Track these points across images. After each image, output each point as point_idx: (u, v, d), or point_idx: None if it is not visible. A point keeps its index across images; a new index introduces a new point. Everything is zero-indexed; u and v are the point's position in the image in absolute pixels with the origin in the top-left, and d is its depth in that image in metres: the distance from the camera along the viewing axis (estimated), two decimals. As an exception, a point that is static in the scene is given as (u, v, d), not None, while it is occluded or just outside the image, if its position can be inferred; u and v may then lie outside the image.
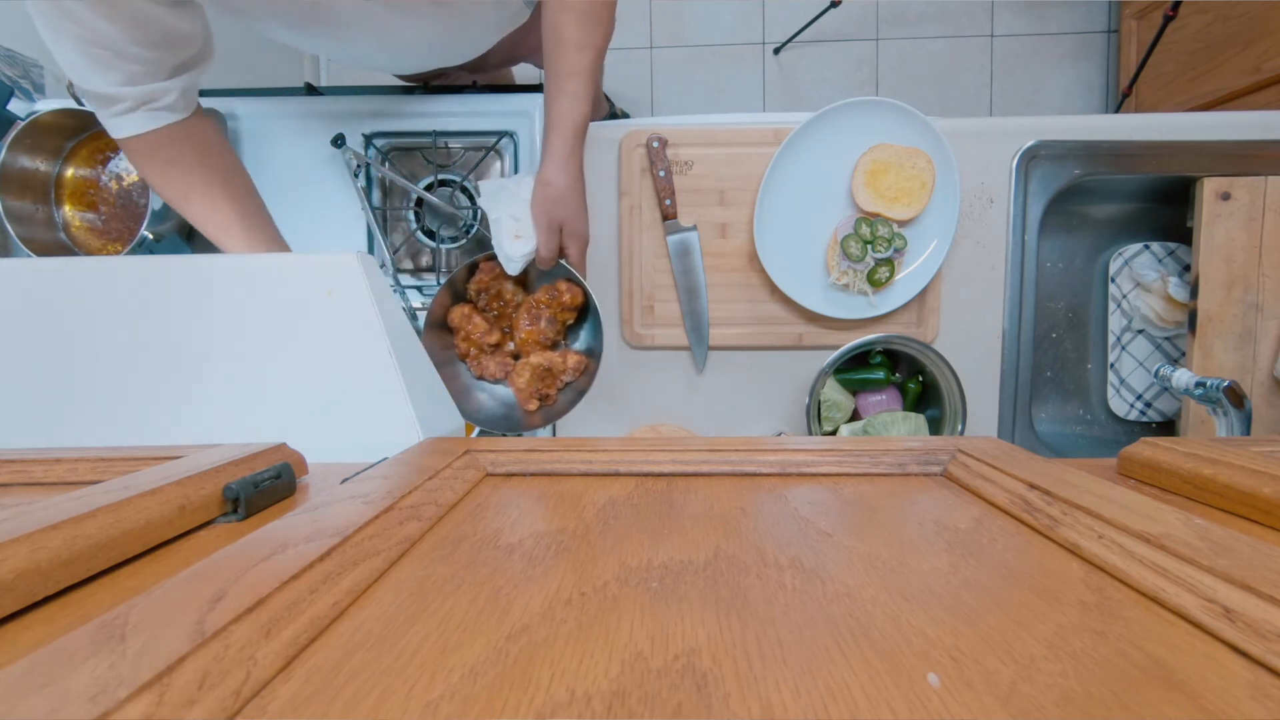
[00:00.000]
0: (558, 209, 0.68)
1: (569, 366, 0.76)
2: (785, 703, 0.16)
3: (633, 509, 0.31)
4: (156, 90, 0.61)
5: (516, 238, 0.69)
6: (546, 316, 0.75)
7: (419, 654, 0.18)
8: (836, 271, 0.83)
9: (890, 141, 0.82)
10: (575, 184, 0.68)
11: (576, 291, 0.75)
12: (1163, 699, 0.16)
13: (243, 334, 0.49)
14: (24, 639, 0.20)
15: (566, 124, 0.66)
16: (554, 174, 0.67)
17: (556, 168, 0.67)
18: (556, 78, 0.66)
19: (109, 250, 0.89)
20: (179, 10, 0.60)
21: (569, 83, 0.66)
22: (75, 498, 0.26)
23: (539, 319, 0.75)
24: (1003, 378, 0.88)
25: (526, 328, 0.75)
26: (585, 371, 0.77)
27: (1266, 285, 0.81)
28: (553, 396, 0.77)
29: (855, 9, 1.74)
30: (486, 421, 0.76)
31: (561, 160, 0.67)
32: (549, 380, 0.76)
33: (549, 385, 0.76)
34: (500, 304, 0.77)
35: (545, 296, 0.75)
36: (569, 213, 0.69)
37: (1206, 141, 0.83)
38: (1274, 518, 0.27)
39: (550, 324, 0.75)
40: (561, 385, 0.78)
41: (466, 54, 0.82)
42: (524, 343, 0.76)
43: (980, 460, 0.34)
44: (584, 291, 0.75)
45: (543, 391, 0.76)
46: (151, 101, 0.61)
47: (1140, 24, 1.57)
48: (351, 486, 0.30)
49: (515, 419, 0.76)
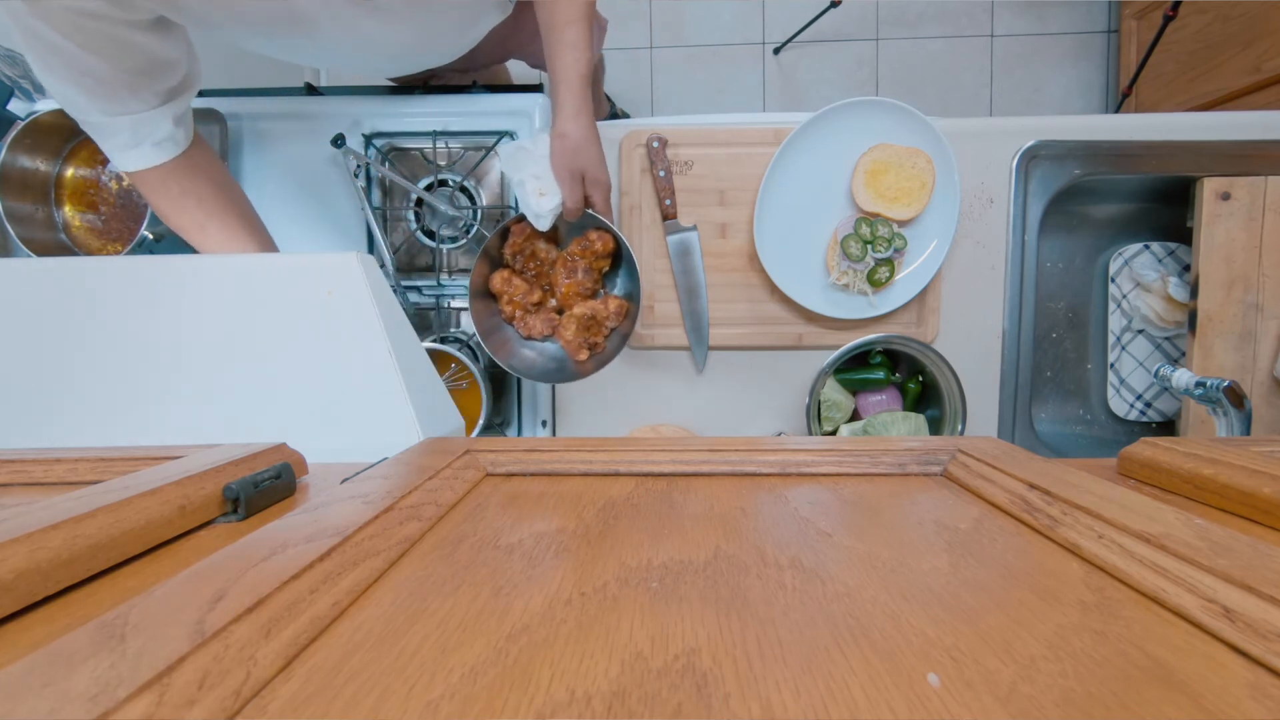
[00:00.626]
0: (577, 159, 0.69)
1: (611, 312, 0.78)
2: (785, 703, 0.16)
3: (633, 509, 0.31)
4: (151, 122, 0.61)
5: (541, 195, 0.70)
6: (583, 267, 0.77)
7: (419, 654, 0.18)
8: (836, 271, 0.83)
9: (890, 141, 0.82)
10: (590, 133, 0.69)
11: (607, 238, 0.77)
12: (1163, 699, 0.16)
13: (243, 334, 0.49)
14: (24, 639, 0.20)
15: (573, 75, 0.67)
16: (568, 126, 0.68)
17: (570, 119, 0.68)
18: (555, 29, 0.66)
19: (109, 250, 0.89)
20: (159, 34, 0.59)
21: (568, 31, 0.66)
22: (75, 498, 0.26)
23: (576, 271, 0.77)
24: (1003, 378, 0.88)
25: (565, 282, 0.78)
26: (627, 315, 0.80)
27: (1266, 285, 0.81)
28: (600, 344, 0.80)
29: (855, 9, 1.74)
30: (541, 376, 0.79)
31: (573, 112, 0.67)
32: (595, 329, 0.78)
33: (596, 333, 0.79)
34: (536, 263, 0.79)
35: (578, 248, 0.77)
36: (588, 161, 0.70)
37: (1206, 141, 0.83)
38: (1274, 518, 0.27)
39: (587, 274, 0.78)
40: (607, 332, 0.80)
41: (449, 54, 0.82)
42: (565, 296, 0.79)
43: (980, 460, 0.34)
44: (614, 237, 0.77)
45: (590, 340, 0.79)
46: (150, 136, 0.61)
47: (1140, 24, 1.57)
48: (351, 486, 0.30)
49: (569, 370, 0.79)
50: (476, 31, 0.79)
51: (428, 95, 0.90)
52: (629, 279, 0.80)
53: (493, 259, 0.79)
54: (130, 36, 0.56)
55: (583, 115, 0.68)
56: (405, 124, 0.88)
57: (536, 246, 0.78)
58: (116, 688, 0.14)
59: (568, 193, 0.70)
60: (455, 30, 0.76)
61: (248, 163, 0.91)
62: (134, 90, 0.59)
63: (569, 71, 0.67)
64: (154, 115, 0.61)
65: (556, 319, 0.80)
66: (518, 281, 0.79)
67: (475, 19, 0.76)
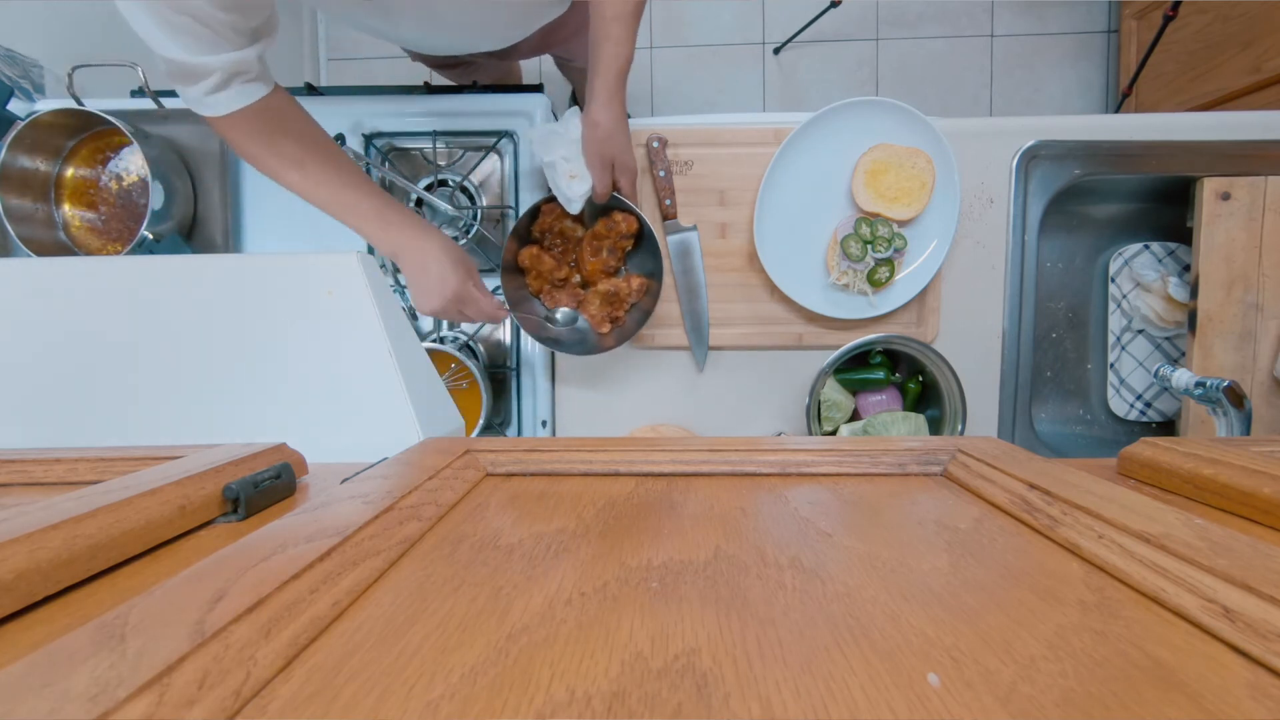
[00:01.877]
0: (607, 147, 0.73)
1: (633, 289, 0.83)
2: (785, 703, 0.16)
3: (633, 509, 0.31)
4: (240, 61, 0.59)
5: (572, 178, 0.75)
6: (607, 247, 0.81)
7: (419, 654, 0.18)
8: (836, 271, 0.83)
9: (890, 141, 0.82)
10: (620, 122, 0.72)
11: (631, 220, 0.80)
12: (1163, 699, 0.16)
13: (243, 334, 0.49)
14: (24, 639, 0.20)
15: (610, 67, 0.70)
16: (601, 114, 0.71)
17: (603, 108, 0.71)
18: (603, 20, 0.69)
19: (109, 250, 0.89)
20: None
21: (614, 26, 0.69)
22: (75, 498, 0.26)
23: (601, 250, 0.82)
24: (1003, 378, 0.88)
25: (591, 260, 0.82)
26: (648, 293, 0.83)
27: (1266, 285, 0.81)
28: (621, 318, 0.84)
29: (855, 9, 1.73)
30: (566, 348, 0.83)
31: (606, 101, 0.71)
32: (617, 304, 0.83)
33: (618, 309, 0.83)
34: (564, 241, 0.84)
35: (604, 229, 0.81)
36: (618, 149, 0.73)
37: (1206, 141, 0.83)
38: (1274, 518, 0.27)
39: (611, 253, 0.82)
40: (628, 307, 0.84)
41: (505, 39, 0.83)
42: (590, 273, 0.83)
43: (980, 460, 0.34)
44: (638, 219, 0.80)
45: (613, 315, 0.83)
46: (239, 74, 0.60)
47: (1140, 24, 1.57)
48: (351, 486, 0.30)
49: (591, 343, 0.84)
50: (539, 20, 0.82)
51: (428, 95, 0.90)
52: (651, 258, 0.83)
53: (521, 236, 0.83)
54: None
55: (614, 105, 0.71)
56: (405, 124, 0.88)
57: (564, 225, 0.82)
58: (116, 688, 0.14)
59: (598, 178, 0.74)
60: (521, 15, 0.78)
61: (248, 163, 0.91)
62: (223, 27, 0.58)
63: (608, 64, 0.70)
64: (244, 55, 0.60)
65: (581, 294, 0.85)
66: (546, 258, 0.83)
67: (542, 9, 0.79)
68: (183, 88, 0.60)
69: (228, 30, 0.58)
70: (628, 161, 0.75)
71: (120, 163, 0.89)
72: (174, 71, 0.59)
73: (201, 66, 0.58)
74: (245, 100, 0.61)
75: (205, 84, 0.59)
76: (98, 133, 0.87)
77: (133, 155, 0.88)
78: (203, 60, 0.57)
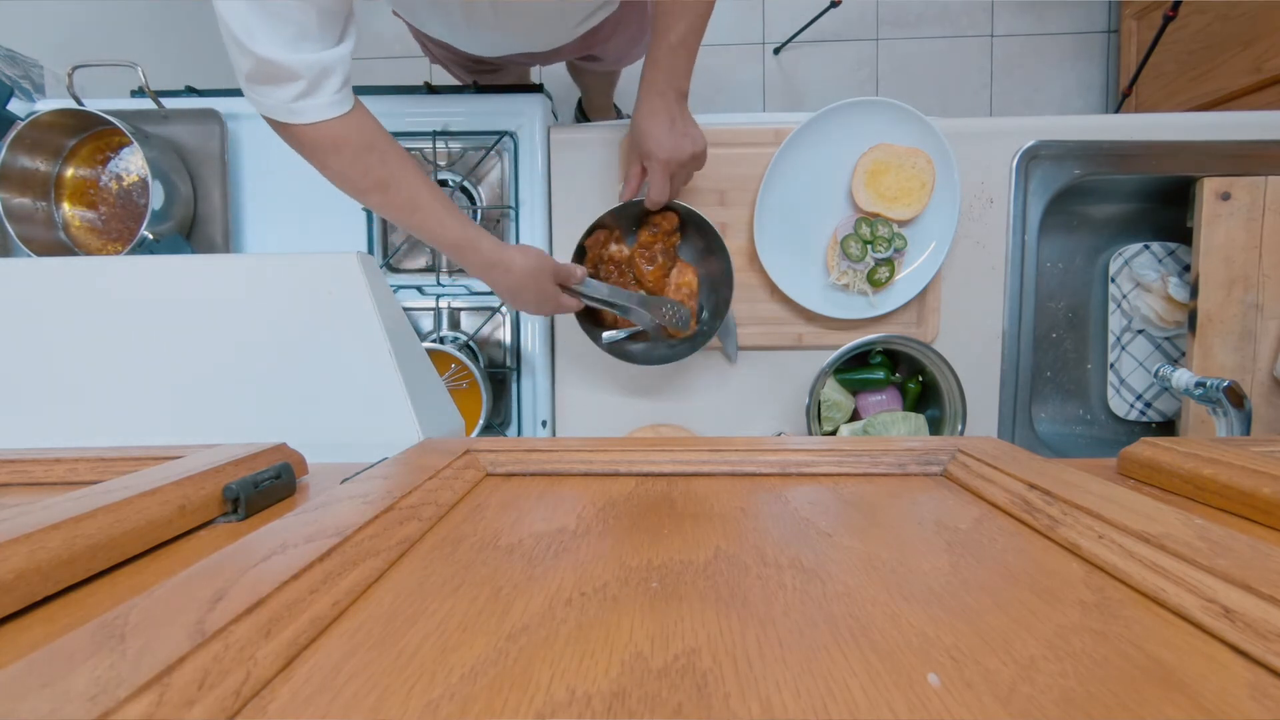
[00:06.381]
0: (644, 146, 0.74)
1: (693, 278, 0.84)
2: (785, 703, 0.16)
3: (633, 509, 0.31)
4: (329, 62, 0.58)
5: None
6: (659, 250, 0.82)
7: (419, 654, 0.18)
8: (836, 271, 0.83)
9: (890, 141, 0.82)
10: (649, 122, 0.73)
11: (672, 216, 0.81)
12: (1163, 699, 0.16)
13: (243, 334, 0.49)
14: (24, 639, 0.20)
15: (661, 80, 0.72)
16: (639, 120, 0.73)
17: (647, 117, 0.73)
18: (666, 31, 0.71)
19: (109, 250, 0.89)
20: None
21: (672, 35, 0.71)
22: (75, 498, 0.26)
23: (655, 257, 0.82)
24: (1003, 378, 0.88)
25: (648, 269, 0.82)
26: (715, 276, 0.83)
27: (1266, 285, 0.81)
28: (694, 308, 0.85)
29: (855, 9, 1.73)
30: (670, 359, 0.83)
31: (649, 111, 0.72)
32: (690, 296, 0.84)
33: (691, 300, 0.84)
34: (617, 266, 0.84)
35: (648, 237, 0.81)
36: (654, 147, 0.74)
37: (1206, 141, 0.83)
38: (1274, 518, 0.27)
39: (664, 254, 0.82)
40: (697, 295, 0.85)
41: (553, 40, 0.83)
42: (655, 284, 0.83)
43: (980, 460, 0.34)
44: (676, 211, 0.81)
45: (693, 309, 0.84)
46: (327, 77, 0.58)
47: (1140, 24, 1.57)
48: (351, 486, 0.30)
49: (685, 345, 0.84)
50: (595, 19, 0.81)
51: (428, 95, 0.90)
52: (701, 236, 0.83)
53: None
54: None
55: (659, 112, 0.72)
56: (405, 124, 0.88)
57: (610, 252, 0.83)
58: (116, 688, 0.14)
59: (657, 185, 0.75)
60: (584, 13, 0.78)
61: (247, 163, 0.91)
62: (322, 23, 0.56)
63: (658, 76, 0.71)
64: (335, 55, 0.58)
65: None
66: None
67: (599, 9, 0.79)
68: (269, 91, 0.57)
69: (325, 24, 0.56)
70: (651, 149, 0.73)
71: (120, 163, 0.89)
72: (263, 73, 0.56)
73: (292, 67, 0.56)
74: (335, 111, 0.60)
75: (294, 88, 0.57)
76: (98, 133, 0.87)
77: (133, 155, 0.88)
78: (296, 59, 0.56)
